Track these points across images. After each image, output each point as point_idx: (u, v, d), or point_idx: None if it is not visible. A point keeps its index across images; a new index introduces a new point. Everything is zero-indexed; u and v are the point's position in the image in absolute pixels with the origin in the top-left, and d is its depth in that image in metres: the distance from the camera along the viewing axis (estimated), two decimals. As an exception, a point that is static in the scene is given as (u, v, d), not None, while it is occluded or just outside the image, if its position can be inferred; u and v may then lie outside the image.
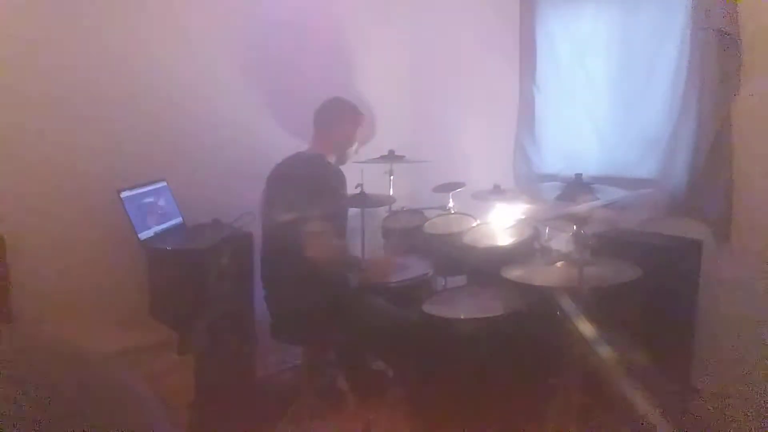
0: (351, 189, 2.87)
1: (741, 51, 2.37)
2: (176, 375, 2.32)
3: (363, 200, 2.95)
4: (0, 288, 2.18)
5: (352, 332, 2.36)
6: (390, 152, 3.08)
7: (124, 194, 2.32)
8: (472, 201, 2.94)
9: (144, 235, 2.34)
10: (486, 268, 2.27)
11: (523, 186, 3.21)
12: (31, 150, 2.37)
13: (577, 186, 2.65)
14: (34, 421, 0.37)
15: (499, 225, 2.65)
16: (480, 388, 2.07)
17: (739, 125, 2.43)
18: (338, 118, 2.60)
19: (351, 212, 2.90)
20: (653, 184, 2.70)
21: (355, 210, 3.03)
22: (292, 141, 2.68)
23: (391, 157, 3.08)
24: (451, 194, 3.01)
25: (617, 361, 1.96)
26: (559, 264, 2.02)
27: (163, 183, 2.59)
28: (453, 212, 2.97)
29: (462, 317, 2.18)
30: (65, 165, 2.45)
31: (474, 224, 2.75)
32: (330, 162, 2.61)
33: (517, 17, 3.19)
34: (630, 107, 2.85)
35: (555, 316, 1.99)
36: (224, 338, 2.52)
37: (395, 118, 3.55)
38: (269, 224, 2.47)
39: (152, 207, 2.48)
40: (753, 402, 2.36)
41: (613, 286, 1.89)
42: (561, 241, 2.48)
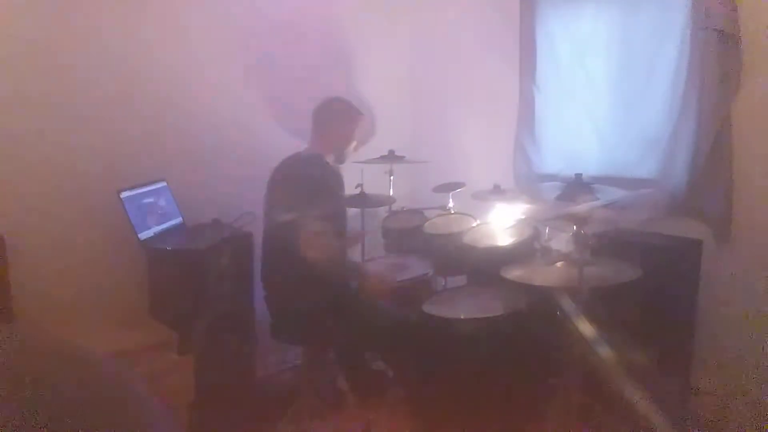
0: (351, 189, 2.87)
1: (741, 51, 2.37)
2: (176, 375, 2.32)
3: (363, 200, 2.95)
4: (0, 288, 2.18)
5: (352, 332, 2.36)
6: (390, 152, 3.08)
7: (124, 194, 2.32)
8: (472, 201, 2.94)
9: (144, 235, 2.34)
10: (486, 268, 2.27)
11: (523, 186, 3.20)
12: (31, 150, 2.37)
13: (577, 186, 2.65)
14: (35, 421, 0.37)
15: (499, 225, 2.65)
16: (480, 388, 2.07)
17: (739, 125, 2.43)
18: (336, 117, 2.59)
19: (351, 212, 2.90)
20: (653, 184, 2.70)
21: (355, 210, 3.03)
22: (292, 141, 2.67)
23: (391, 157, 3.08)
24: (451, 194, 3.01)
25: (617, 361, 1.96)
26: (559, 264, 2.02)
27: (163, 183, 2.59)
28: (453, 212, 2.97)
29: (462, 317, 2.19)
30: (65, 165, 2.45)
31: (474, 224, 2.75)
32: (328, 162, 2.60)
33: (517, 17, 3.18)
34: (630, 107, 2.85)
35: (555, 316, 2.00)
36: (224, 338, 2.52)
37: (395, 118, 3.55)
38: (269, 224, 2.48)
39: (152, 207, 2.48)
40: (753, 402, 2.36)
41: (613, 286, 1.90)
42: (561, 241, 2.47)
